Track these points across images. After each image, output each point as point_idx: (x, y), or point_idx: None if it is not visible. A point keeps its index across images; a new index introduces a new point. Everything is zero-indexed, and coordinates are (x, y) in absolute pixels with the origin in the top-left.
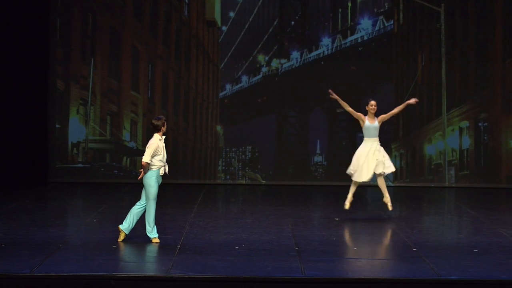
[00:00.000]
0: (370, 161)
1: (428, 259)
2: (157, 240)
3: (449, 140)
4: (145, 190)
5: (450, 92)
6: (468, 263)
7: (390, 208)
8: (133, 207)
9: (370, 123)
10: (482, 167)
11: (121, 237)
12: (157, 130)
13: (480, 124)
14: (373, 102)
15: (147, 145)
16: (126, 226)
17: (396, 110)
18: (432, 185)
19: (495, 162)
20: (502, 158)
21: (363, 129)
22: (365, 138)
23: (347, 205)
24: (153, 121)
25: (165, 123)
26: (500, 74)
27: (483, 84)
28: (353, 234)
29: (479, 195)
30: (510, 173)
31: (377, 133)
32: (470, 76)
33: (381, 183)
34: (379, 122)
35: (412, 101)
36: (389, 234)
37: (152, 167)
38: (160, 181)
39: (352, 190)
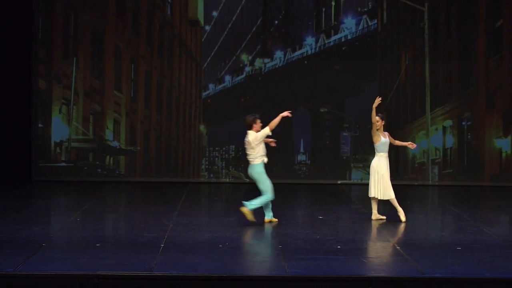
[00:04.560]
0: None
1: (411, 257)
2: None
3: (432, 139)
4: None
5: (434, 91)
6: (452, 261)
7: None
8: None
9: (384, 138)
10: (466, 166)
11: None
12: (249, 127)
13: (463, 123)
14: (377, 118)
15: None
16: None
17: (398, 143)
18: (416, 184)
19: (478, 161)
20: (485, 156)
21: (379, 144)
22: (381, 154)
23: (403, 217)
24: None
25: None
26: (484, 73)
27: (466, 83)
28: (336, 232)
29: (462, 193)
30: (493, 172)
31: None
32: (453, 75)
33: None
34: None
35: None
36: (372, 232)
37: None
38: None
39: (396, 205)
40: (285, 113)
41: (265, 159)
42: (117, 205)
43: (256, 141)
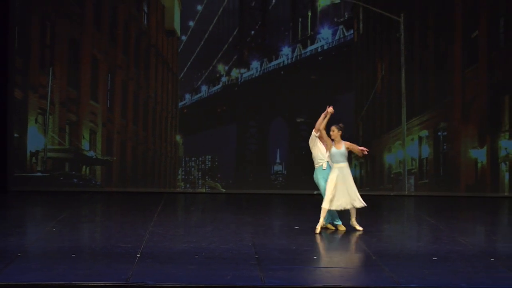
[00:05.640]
0: (339, 189)
1: (387, 267)
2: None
3: (408, 149)
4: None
5: (410, 101)
6: (427, 271)
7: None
8: None
9: (337, 149)
10: (442, 176)
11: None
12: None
13: (439, 133)
14: (332, 128)
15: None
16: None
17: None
18: (392, 194)
19: (454, 171)
20: (461, 167)
21: (329, 155)
22: (334, 164)
23: (318, 229)
24: None
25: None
26: (460, 83)
27: (442, 94)
28: (313, 243)
29: (438, 203)
30: (469, 182)
31: (344, 158)
32: (429, 85)
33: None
34: (347, 148)
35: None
36: (349, 242)
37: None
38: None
39: (322, 215)
40: (327, 111)
41: (324, 165)
42: (93, 215)
43: (310, 143)
